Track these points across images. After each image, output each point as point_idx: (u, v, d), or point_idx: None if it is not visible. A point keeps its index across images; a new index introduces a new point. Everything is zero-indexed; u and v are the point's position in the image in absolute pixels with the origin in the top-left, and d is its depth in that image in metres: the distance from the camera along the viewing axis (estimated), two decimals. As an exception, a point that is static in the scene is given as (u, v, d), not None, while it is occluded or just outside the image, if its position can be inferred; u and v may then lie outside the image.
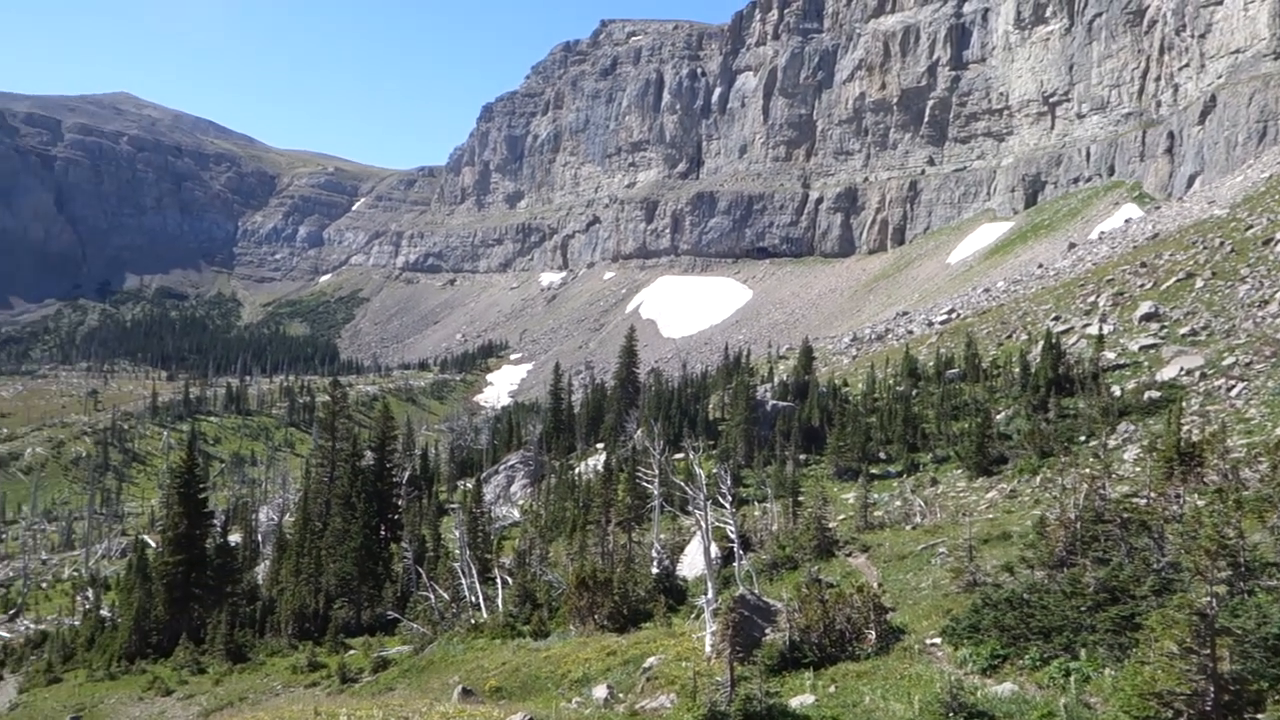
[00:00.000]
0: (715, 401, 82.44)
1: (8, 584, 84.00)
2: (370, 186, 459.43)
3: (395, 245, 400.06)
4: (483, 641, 32.51)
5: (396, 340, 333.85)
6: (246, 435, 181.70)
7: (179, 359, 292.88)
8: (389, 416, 58.73)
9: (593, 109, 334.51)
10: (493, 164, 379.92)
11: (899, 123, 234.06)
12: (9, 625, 62.75)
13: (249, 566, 59.45)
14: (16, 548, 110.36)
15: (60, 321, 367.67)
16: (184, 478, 49.12)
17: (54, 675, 46.84)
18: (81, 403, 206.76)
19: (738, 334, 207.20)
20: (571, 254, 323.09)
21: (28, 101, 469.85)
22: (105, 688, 43.08)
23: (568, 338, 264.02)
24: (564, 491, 63.74)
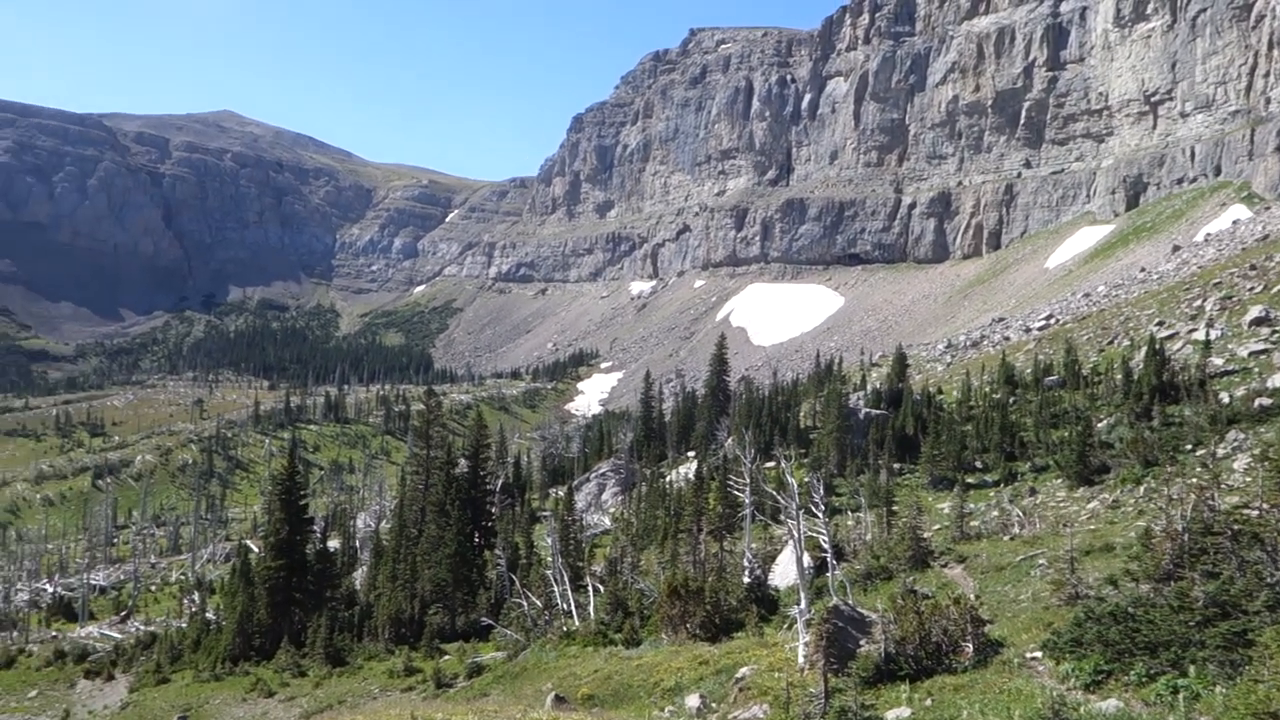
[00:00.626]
0: (806, 410, 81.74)
1: (119, 587, 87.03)
2: (463, 198, 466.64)
3: (488, 256, 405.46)
4: (575, 649, 32.66)
5: (489, 349, 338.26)
6: (344, 443, 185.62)
7: (280, 369, 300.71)
8: (482, 425, 59.45)
9: (682, 118, 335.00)
10: (583, 174, 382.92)
11: (994, 125, 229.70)
12: (120, 626, 64.95)
13: (347, 572, 60.64)
14: (127, 551, 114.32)
15: (168, 333, 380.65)
16: (285, 485, 50.32)
17: (162, 675, 48.33)
18: (188, 411, 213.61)
19: (829, 341, 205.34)
20: (661, 263, 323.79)
21: (138, 121, 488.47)
22: (211, 688, 44.34)
23: (658, 346, 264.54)
24: (655, 500, 63.76)
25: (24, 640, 61.97)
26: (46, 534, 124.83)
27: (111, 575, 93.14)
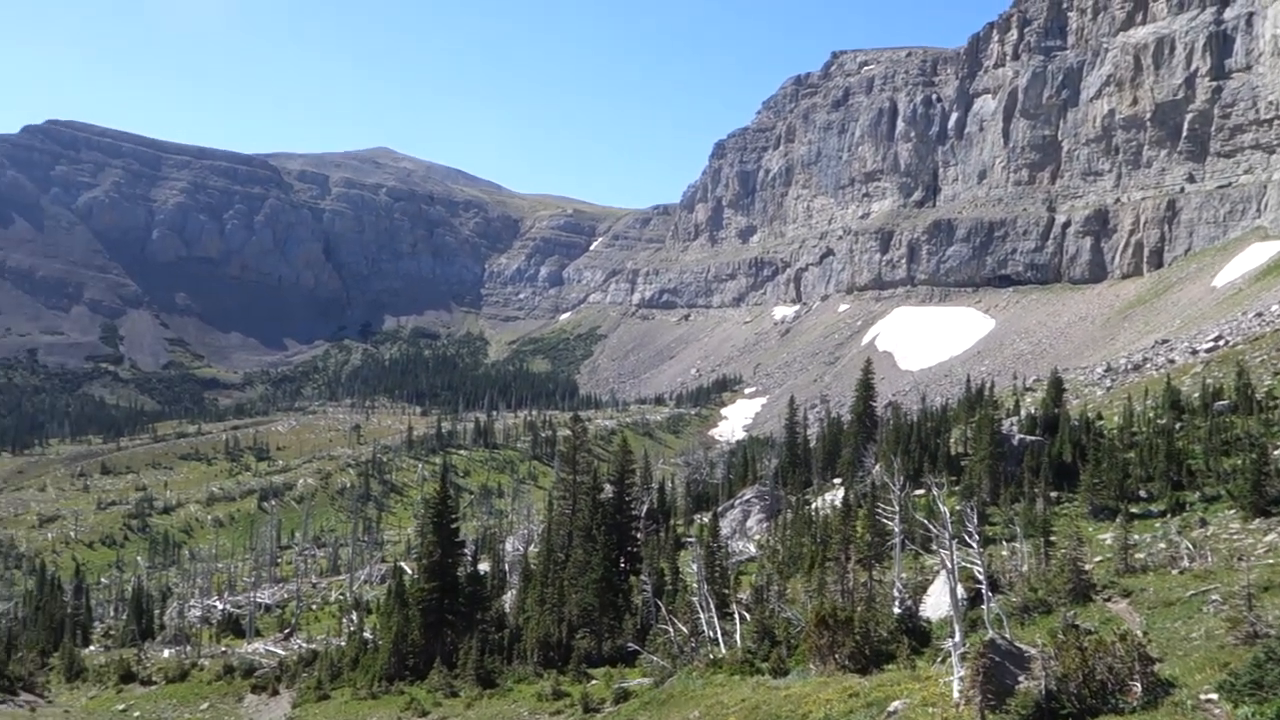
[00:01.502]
0: (957, 436, 79.62)
1: (283, 605, 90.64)
2: (607, 226, 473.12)
3: (631, 283, 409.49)
4: (721, 677, 32.47)
5: (633, 375, 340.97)
6: (493, 468, 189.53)
7: (432, 395, 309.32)
8: (627, 450, 59.88)
9: (825, 141, 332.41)
10: (725, 200, 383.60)
11: (1153, 139, 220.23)
12: (284, 643, 67.57)
13: (497, 595, 61.73)
14: (290, 571, 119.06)
15: (328, 361, 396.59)
16: (437, 509, 51.61)
17: (323, 692, 50.03)
18: (346, 437, 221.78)
19: (979, 365, 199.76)
20: (805, 287, 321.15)
21: (301, 160, 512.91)
22: (368, 706, 45.68)
23: (802, 371, 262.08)
24: (801, 527, 63.00)
25: (196, 654, 65.09)
26: (217, 553, 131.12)
27: (275, 594, 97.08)
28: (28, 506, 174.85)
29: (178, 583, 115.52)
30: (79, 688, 61.39)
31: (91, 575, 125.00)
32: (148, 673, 61.68)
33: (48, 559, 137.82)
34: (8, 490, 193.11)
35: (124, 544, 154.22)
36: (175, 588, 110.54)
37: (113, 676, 61.26)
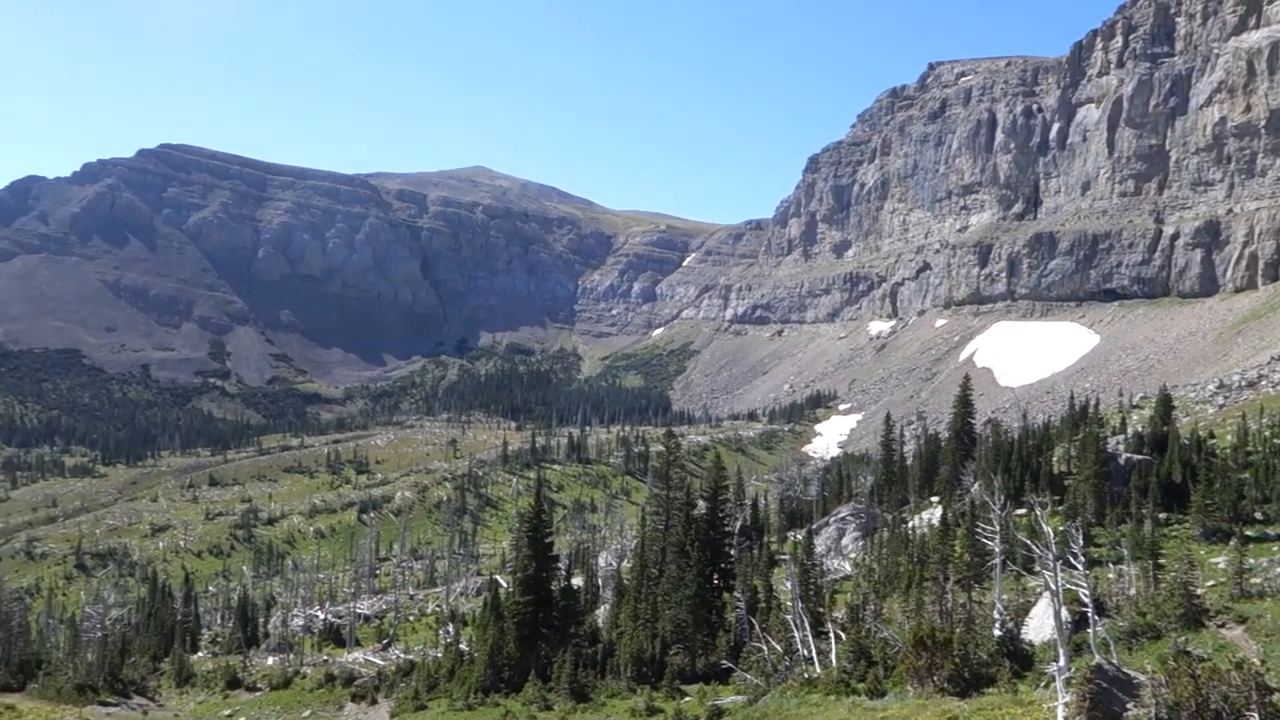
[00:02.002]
0: (1060, 454, 77.62)
1: (381, 615, 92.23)
2: (699, 242, 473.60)
3: (724, 298, 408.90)
4: (816, 696, 32.10)
5: (726, 391, 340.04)
6: (586, 483, 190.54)
7: (526, 410, 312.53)
8: (720, 466, 59.68)
9: (921, 153, 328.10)
10: (819, 214, 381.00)
11: (1268, 147, 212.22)
12: (383, 653, 68.74)
13: (590, 609, 61.95)
14: (388, 583, 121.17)
15: (425, 376, 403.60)
16: (532, 523, 52.06)
17: (420, 702, 50.73)
18: (443, 451, 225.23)
19: (1083, 382, 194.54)
20: (901, 302, 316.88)
21: (399, 179, 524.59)
22: (464, 717, 46.19)
23: (898, 387, 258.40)
24: (897, 546, 62.04)
25: (299, 662, 66.60)
26: (318, 564, 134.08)
27: (374, 605, 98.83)
28: (141, 516, 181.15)
29: (281, 592, 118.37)
30: (188, 692, 63.29)
31: (200, 583, 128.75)
32: (253, 679, 63.32)
33: (159, 567, 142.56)
34: (122, 500, 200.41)
35: (230, 553, 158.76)
36: (279, 597, 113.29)
37: (220, 682, 63.05)
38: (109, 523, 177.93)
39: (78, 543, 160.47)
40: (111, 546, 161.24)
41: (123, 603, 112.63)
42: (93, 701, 50.49)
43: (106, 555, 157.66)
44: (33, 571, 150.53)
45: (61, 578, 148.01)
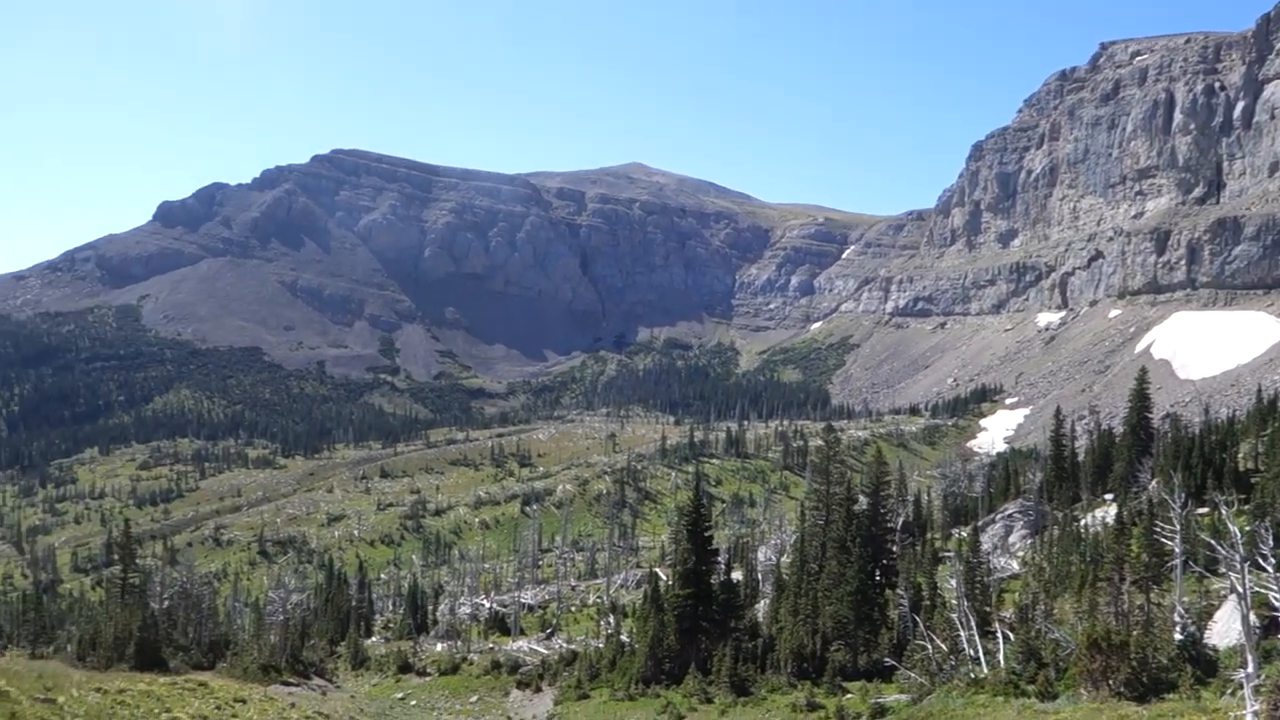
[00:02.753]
0: (1246, 450, 73.33)
1: (544, 605, 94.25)
2: (859, 234, 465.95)
3: (884, 291, 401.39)
4: (984, 697, 31.27)
5: (886, 385, 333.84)
6: (744, 477, 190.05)
7: (684, 404, 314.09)
8: (881, 461, 58.71)
9: (1092, 137, 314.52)
10: (983, 203, 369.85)
11: None
12: (546, 643, 70.23)
13: (749, 603, 61.81)
14: (550, 573, 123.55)
15: (584, 371, 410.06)
16: (691, 516, 52.29)
17: (583, 691, 51.64)
18: (602, 445, 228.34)
19: (1272, 374, 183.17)
20: (1071, 292, 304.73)
21: (559, 178, 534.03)
22: (625, 708, 46.80)
23: (1068, 381, 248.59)
24: (1068, 544, 59.74)
25: (466, 649, 68.65)
26: (483, 554, 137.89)
27: (537, 595, 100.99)
28: (317, 506, 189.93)
29: (448, 581, 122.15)
30: (362, 675, 66.04)
31: (373, 571, 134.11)
32: (422, 664, 65.62)
33: (335, 555, 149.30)
34: (301, 491, 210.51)
35: (401, 543, 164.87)
36: (446, 585, 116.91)
37: (392, 666, 65.59)
38: (288, 512, 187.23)
39: (260, 531, 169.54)
40: (291, 535, 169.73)
41: (302, 588, 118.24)
42: (276, 681, 53.27)
43: (286, 543, 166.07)
44: (220, 557, 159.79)
45: (246, 563, 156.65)
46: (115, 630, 51.94)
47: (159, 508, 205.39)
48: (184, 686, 32.35)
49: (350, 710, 44.59)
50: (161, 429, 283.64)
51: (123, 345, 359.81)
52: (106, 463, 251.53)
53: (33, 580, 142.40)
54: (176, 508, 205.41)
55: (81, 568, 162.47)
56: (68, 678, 28.37)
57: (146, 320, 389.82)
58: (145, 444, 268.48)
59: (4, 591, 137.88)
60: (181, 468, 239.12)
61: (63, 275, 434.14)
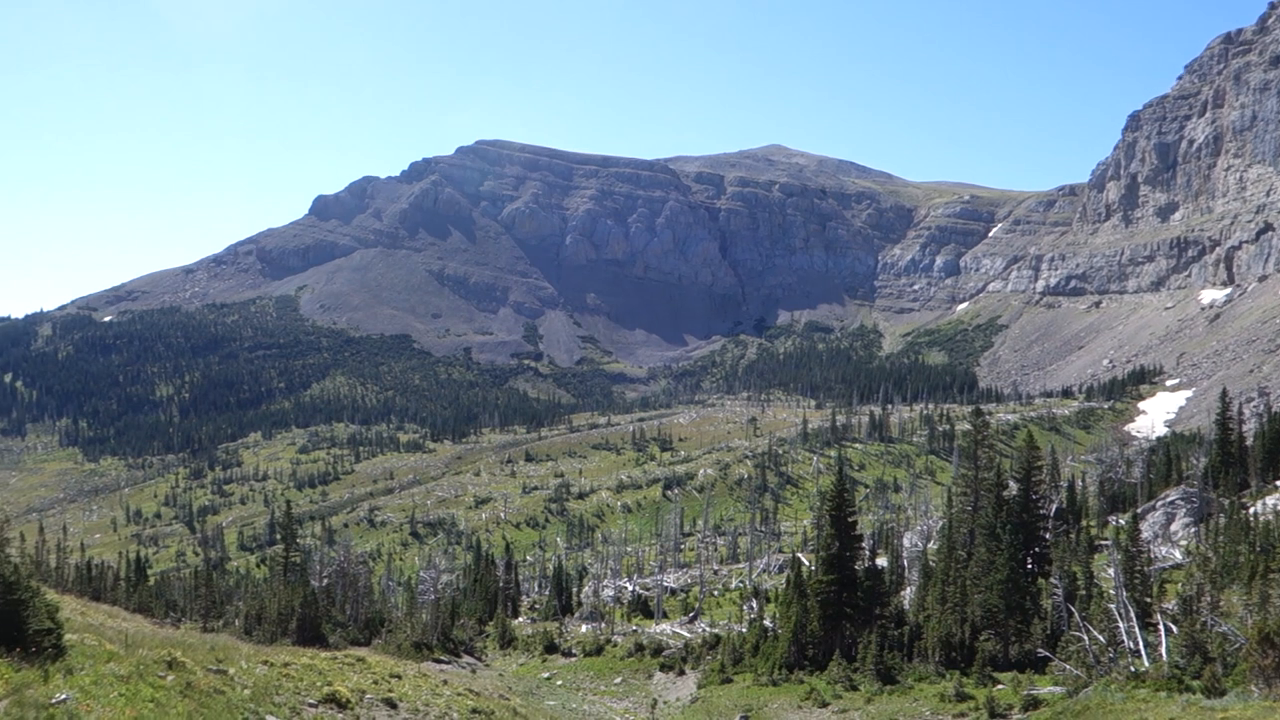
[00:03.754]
0: None
1: (686, 589, 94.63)
2: (1006, 211, 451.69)
3: (1034, 269, 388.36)
4: (1144, 692, 29.97)
5: (1037, 367, 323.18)
6: (888, 462, 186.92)
7: (825, 388, 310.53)
8: (1033, 445, 56.79)
9: (1260, 103, 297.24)
10: (1140, 176, 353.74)
11: None
12: (689, 626, 70.51)
13: (895, 590, 60.78)
14: (692, 557, 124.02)
15: (725, 355, 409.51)
16: (835, 501, 51.64)
17: (726, 676, 51.67)
18: (743, 429, 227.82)
19: None
20: (1238, 267, 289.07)
21: (697, 162, 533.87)
22: (768, 693, 46.65)
23: (1234, 361, 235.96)
24: (1236, 533, 56.76)
25: (610, 631, 69.51)
26: (625, 537, 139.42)
27: (679, 578, 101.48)
28: (465, 489, 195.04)
29: (592, 563, 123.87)
30: (510, 654, 67.57)
31: (518, 553, 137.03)
32: (568, 645, 66.73)
33: (482, 536, 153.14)
34: (449, 474, 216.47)
35: (545, 525, 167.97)
36: (590, 568, 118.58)
37: (538, 646, 66.89)
38: (438, 494, 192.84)
39: (411, 512, 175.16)
40: (440, 516, 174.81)
41: (451, 568, 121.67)
42: (428, 658, 55.01)
43: (436, 524, 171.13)
44: (374, 538, 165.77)
45: (398, 544, 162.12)
46: (279, 606, 54.43)
47: (317, 489, 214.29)
48: (343, 661, 33.63)
49: (499, 688, 45.66)
50: (319, 414, 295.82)
51: (282, 334, 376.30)
52: (269, 446, 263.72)
53: (203, 558, 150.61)
54: (333, 489, 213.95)
55: (247, 546, 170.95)
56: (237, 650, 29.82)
57: (304, 310, 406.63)
58: (304, 428, 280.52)
59: (178, 568, 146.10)
60: (338, 451, 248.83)
61: (227, 268, 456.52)
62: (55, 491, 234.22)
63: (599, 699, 51.87)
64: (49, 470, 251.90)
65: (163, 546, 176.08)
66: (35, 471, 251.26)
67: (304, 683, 25.98)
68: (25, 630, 18.89)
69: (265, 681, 24.28)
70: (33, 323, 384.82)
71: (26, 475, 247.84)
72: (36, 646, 18.82)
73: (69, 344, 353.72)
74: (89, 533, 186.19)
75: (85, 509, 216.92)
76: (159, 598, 79.18)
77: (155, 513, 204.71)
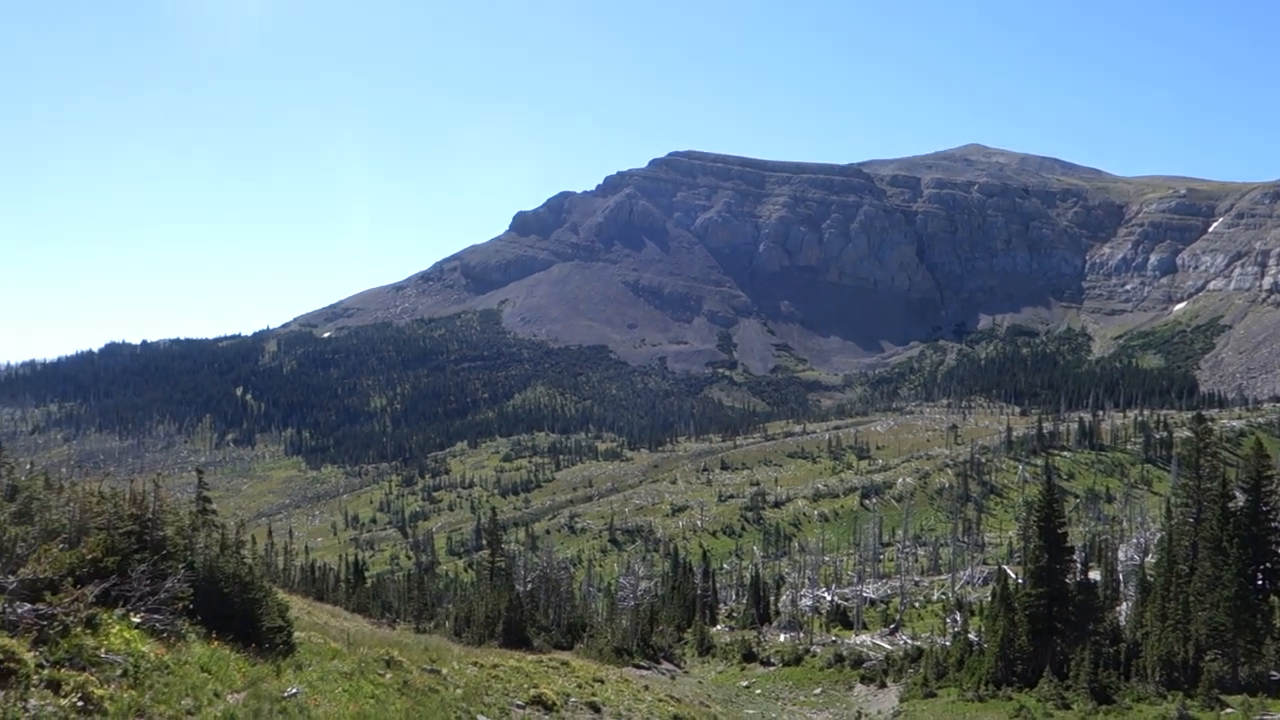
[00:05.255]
0: None
1: (886, 600, 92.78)
2: (1228, 204, 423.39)
3: (1260, 265, 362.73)
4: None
5: (1264, 370, 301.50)
6: (1100, 471, 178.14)
7: (1030, 394, 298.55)
8: (1262, 453, 53.06)
9: None
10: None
11: None
12: (890, 638, 69.18)
13: (1109, 606, 57.92)
14: (891, 568, 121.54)
15: (923, 362, 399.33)
16: (1043, 511, 49.76)
17: (929, 690, 50.45)
18: (943, 437, 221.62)
19: None
20: None
21: (892, 165, 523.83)
22: (974, 709, 45.30)
23: None
24: None
25: (808, 641, 68.96)
26: (823, 546, 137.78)
27: (879, 589, 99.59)
28: (662, 497, 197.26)
29: (789, 572, 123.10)
30: (708, 662, 67.95)
31: (715, 561, 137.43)
32: (766, 654, 66.58)
33: (679, 544, 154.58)
34: (646, 482, 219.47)
35: (741, 533, 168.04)
36: (787, 577, 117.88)
37: (736, 655, 67.01)
38: (635, 502, 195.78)
39: (610, 520, 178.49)
40: (638, 524, 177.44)
41: (649, 575, 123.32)
42: (628, 664, 56.03)
43: (634, 531, 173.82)
44: (574, 544, 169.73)
45: (598, 550, 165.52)
46: (486, 610, 56.58)
47: (519, 496, 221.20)
48: (548, 664, 34.74)
49: (699, 695, 46.09)
50: (520, 423, 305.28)
51: (486, 347, 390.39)
52: (474, 455, 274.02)
53: (414, 561, 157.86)
54: (535, 497, 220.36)
55: (455, 551, 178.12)
56: (449, 651, 31.25)
57: (506, 323, 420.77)
58: (507, 437, 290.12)
59: (391, 571, 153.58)
60: (539, 459, 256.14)
61: (433, 284, 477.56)
62: (281, 498, 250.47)
63: (798, 709, 51.60)
64: (276, 478, 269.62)
65: (378, 550, 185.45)
66: (264, 479, 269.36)
67: (511, 684, 27.01)
68: (259, 627, 20.41)
69: (476, 682, 25.39)
70: (260, 340, 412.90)
71: (256, 482, 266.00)
72: (269, 642, 20.30)
73: (292, 359, 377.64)
74: (312, 536, 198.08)
75: (308, 514, 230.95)
76: (375, 599, 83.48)
77: (371, 518, 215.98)
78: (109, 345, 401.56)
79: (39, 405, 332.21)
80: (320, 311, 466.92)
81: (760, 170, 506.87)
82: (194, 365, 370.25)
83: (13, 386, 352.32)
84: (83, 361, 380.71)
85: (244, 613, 20.37)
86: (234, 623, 19.80)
